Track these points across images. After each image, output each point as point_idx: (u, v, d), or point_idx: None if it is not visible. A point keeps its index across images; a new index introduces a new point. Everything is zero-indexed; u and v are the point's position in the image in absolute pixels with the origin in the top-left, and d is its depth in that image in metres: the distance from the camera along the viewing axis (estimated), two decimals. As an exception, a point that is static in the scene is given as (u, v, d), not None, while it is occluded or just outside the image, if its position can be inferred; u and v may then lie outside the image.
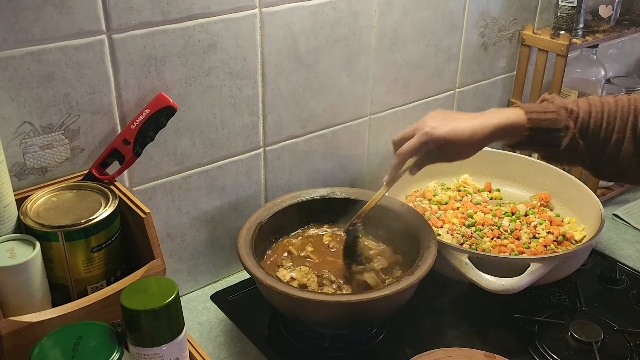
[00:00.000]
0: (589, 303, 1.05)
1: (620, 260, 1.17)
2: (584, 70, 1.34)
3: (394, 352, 0.96)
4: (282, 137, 1.08)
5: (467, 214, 1.15)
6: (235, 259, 1.10)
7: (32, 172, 0.83)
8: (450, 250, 0.98)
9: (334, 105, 1.12)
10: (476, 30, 1.27)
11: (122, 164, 0.85)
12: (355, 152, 1.19)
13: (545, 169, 1.22)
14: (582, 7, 1.24)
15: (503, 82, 1.38)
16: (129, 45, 0.85)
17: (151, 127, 0.85)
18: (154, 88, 0.89)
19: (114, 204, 0.78)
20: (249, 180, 1.07)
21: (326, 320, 0.91)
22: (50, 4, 0.77)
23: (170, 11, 0.87)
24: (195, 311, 1.04)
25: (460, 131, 0.87)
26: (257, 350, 0.96)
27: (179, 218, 1.01)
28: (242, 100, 1.00)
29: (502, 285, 0.93)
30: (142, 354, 0.66)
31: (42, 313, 0.69)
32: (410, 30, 1.16)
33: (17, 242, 0.73)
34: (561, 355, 0.94)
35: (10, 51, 0.76)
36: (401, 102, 1.22)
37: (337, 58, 1.08)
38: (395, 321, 0.99)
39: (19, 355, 0.68)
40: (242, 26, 0.94)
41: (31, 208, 0.77)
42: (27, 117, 0.80)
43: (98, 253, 0.77)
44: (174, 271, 1.04)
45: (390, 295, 0.84)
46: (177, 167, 0.97)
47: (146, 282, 0.68)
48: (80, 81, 0.83)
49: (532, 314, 1.01)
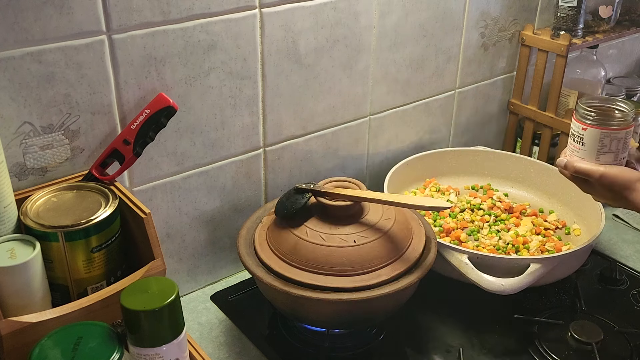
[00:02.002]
0: (589, 303, 1.05)
1: (620, 261, 1.17)
2: (584, 70, 1.34)
3: (394, 352, 0.96)
4: (282, 137, 1.08)
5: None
6: (235, 259, 1.10)
7: (32, 173, 0.83)
8: (450, 250, 0.98)
9: (334, 105, 1.12)
10: (476, 31, 1.27)
11: (122, 164, 0.85)
12: (355, 152, 1.19)
13: (545, 169, 1.23)
14: (582, 8, 1.24)
15: (503, 83, 1.38)
16: (129, 46, 0.85)
17: (151, 127, 0.85)
18: (154, 88, 0.89)
19: (114, 204, 0.78)
20: (249, 180, 1.07)
21: (326, 318, 0.91)
22: (50, 4, 0.77)
23: (171, 11, 0.87)
24: (195, 311, 1.04)
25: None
26: (257, 350, 0.96)
27: (179, 218, 1.01)
28: (242, 101, 1.00)
29: (502, 286, 0.93)
30: (142, 355, 0.67)
31: (42, 313, 0.69)
32: (410, 30, 1.16)
33: (17, 242, 0.73)
34: (561, 355, 0.94)
35: (10, 51, 0.76)
36: (401, 102, 1.22)
37: (337, 58, 1.08)
38: (395, 321, 0.99)
39: (19, 355, 0.68)
40: (242, 26, 0.94)
41: (31, 208, 0.77)
42: (27, 117, 0.80)
43: (98, 253, 0.77)
44: (174, 271, 1.04)
45: (390, 294, 0.84)
46: (177, 167, 0.97)
47: (146, 283, 0.68)
48: (81, 81, 0.83)
49: (532, 314, 1.01)
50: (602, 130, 0.87)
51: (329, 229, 0.90)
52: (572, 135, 0.90)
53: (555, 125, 1.30)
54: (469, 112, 1.35)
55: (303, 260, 0.87)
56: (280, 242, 0.90)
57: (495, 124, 1.43)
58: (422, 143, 1.30)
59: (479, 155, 1.29)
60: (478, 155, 1.29)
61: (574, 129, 0.90)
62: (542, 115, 1.32)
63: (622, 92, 1.48)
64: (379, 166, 1.25)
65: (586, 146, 0.88)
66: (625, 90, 1.49)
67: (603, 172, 0.86)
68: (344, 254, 0.87)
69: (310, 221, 0.91)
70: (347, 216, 0.92)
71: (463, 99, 1.33)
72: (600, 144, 0.87)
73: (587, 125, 0.88)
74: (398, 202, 0.90)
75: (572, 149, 0.90)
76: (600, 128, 0.87)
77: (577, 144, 0.89)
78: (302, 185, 0.93)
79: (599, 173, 0.86)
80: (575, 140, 0.89)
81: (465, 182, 1.28)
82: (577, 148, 0.89)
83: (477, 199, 1.21)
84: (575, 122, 0.89)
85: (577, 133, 0.89)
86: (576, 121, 0.89)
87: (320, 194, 0.92)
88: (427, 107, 1.27)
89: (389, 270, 0.88)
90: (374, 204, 0.94)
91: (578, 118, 0.89)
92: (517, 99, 1.39)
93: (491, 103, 1.39)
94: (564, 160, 0.91)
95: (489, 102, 1.38)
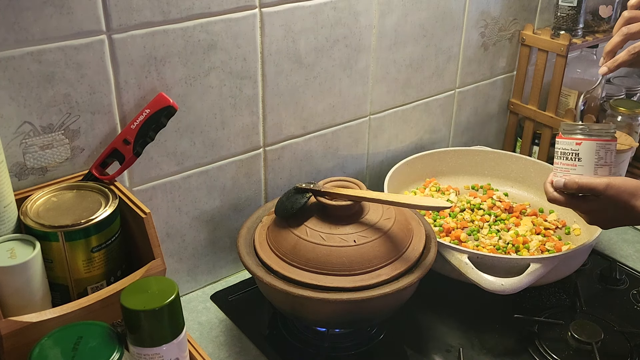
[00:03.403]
0: (589, 303, 1.05)
1: (620, 260, 1.17)
2: (584, 70, 1.34)
3: (394, 352, 0.96)
4: (282, 137, 1.08)
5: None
6: (235, 259, 1.10)
7: (32, 172, 0.83)
8: (450, 250, 0.98)
9: (334, 105, 1.12)
10: (476, 30, 1.27)
11: (122, 164, 0.85)
12: (355, 152, 1.19)
13: (546, 169, 1.22)
14: (582, 7, 1.24)
15: (503, 82, 1.38)
16: (129, 45, 0.85)
17: (151, 127, 0.85)
18: (154, 88, 0.89)
19: (114, 204, 0.78)
20: (249, 180, 1.07)
21: (326, 318, 0.91)
22: (50, 4, 0.77)
23: (171, 11, 0.87)
24: (195, 311, 1.04)
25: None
26: (257, 350, 0.96)
27: (179, 218, 1.01)
28: (242, 100, 1.00)
29: (502, 285, 0.93)
30: (142, 354, 0.67)
31: (42, 313, 0.69)
32: (410, 30, 1.16)
33: (17, 242, 0.73)
34: (561, 355, 0.94)
35: (10, 51, 0.76)
36: (401, 102, 1.22)
37: (337, 58, 1.08)
38: (395, 321, 0.99)
39: (19, 355, 0.68)
40: (242, 26, 0.94)
41: (31, 208, 0.77)
42: (27, 117, 0.80)
43: (98, 253, 0.77)
44: (174, 271, 1.04)
45: (390, 293, 0.84)
46: (177, 167, 0.97)
47: (146, 282, 0.68)
48: (80, 81, 0.83)
49: (532, 314, 1.01)
50: (597, 141, 0.86)
51: (329, 229, 0.90)
52: (564, 154, 0.89)
53: (556, 125, 1.30)
54: (469, 112, 1.35)
55: (303, 260, 0.87)
56: (280, 242, 0.90)
57: (495, 124, 1.43)
58: (422, 143, 1.30)
59: (479, 155, 1.29)
60: (478, 155, 1.29)
61: (565, 148, 0.89)
62: (542, 115, 1.32)
63: (622, 92, 1.47)
64: (379, 166, 1.25)
65: (583, 161, 0.87)
66: (625, 90, 1.49)
67: (608, 182, 0.84)
68: (344, 254, 0.87)
69: (310, 221, 0.91)
70: (347, 216, 0.92)
71: (463, 99, 1.33)
72: (597, 156, 0.86)
73: (581, 139, 0.87)
74: (398, 202, 0.90)
75: (564, 169, 0.89)
76: (595, 140, 0.87)
77: (571, 162, 0.88)
78: (302, 185, 0.93)
79: (605, 184, 0.84)
80: (569, 158, 0.88)
81: (465, 182, 1.28)
82: (573, 165, 0.88)
83: (477, 198, 1.21)
84: (565, 141, 0.89)
85: (569, 150, 0.88)
86: (567, 139, 0.88)
87: (320, 193, 0.92)
88: (427, 107, 1.27)
89: (389, 270, 0.88)
90: (374, 204, 0.94)
91: (568, 135, 0.88)
92: (517, 98, 1.39)
93: (491, 103, 1.39)
94: (562, 180, 0.88)
95: (489, 101, 1.38)
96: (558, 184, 0.89)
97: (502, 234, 1.11)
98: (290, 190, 0.94)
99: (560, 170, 0.89)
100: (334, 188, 0.93)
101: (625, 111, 1.31)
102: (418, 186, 1.25)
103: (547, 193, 0.91)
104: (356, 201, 0.91)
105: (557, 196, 0.90)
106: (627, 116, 1.32)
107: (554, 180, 0.90)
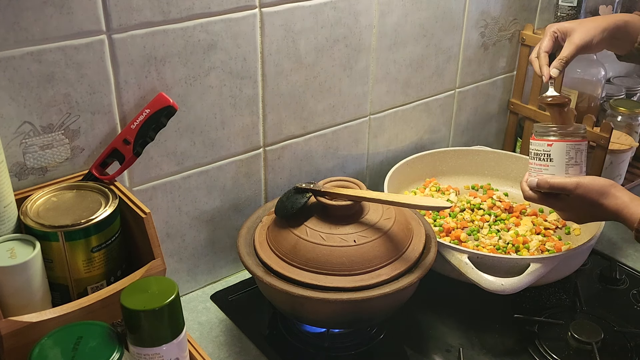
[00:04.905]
0: (589, 303, 1.05)
1: (620, 260, 1.17)
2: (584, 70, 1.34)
3: (393, 352, 0.96)
4: (282, 137, 1.08)
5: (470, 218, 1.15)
6: (235, 259, 1.10)
7: (32, 172, 0.83)
8: (450, 250, 0.98)
9: (334, 105, 1.12)
10: (476, 30, 1.27)
11: (122, 164, 0.85)
12: (355, 152, 1.19)
13: (545, 169, 1.23)
14: (582, 7, 1.24)
15: (503, 82, 1.38)
16: (129, 45, 0.85)
17: (151, 127, 0.85)
18: (154, 88, 0.89)
19: (114, 204, 0.78)
20: (249, 180, 1.07)
21: (326, 318, 0.91)
22: (50, 4, 0.77)
23: (171, 11, 0.87)
24: (195, 311, 1.04)
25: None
26: (257, 350, 0.96)
27: (179, 218, 1.01)
28: (242, 100, 1.00)
29: (502, 285, 0.93)
30: (142, 354, 0.67)
31: (42, 313, 0.69)
32: (410, 30, 1.16)
33: (17, 242, 0.73)
34: (561, 355, 0.94)
35: (10, 51, 0.76)
36: (401, 102, 1.22)
37: (337, 58, 1.08)
38: (395, 321, 0.99)
39: (19, 355, 0.68)
40: (242, 26, 0.94)
41: (31, 208, 0.77)
42: (27, 117, 0.80)
43: (98, 253, 0.77)
44: (174, 271, 1.04)
45: (390, 293, 0.84)
46: (177, 167, 0.97)
47: (146, 282, 0.68)
48: (80, 81, 0.83)
49: (532, 314, 1.01)
50: (567, 142, 0.91)
51: (329, 229, 0.90)
52: (537, 155, 0.93)
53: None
54: (469, 112, 1.35)
55: (303, 260, 0.87)
56: (280, 242, 0.90)
57: (495, 124, 1.43)
58: (422, 143, 1.30)
59: (479, 155, 1.29)
60: (478, 155, 1.29)
61: (537, 149, 0.93)
62: (542, 115, 1.32)
63: (622, 92, 1.47)
64: (379, 166, 1.25)
65: (554, 161, 0.91)
66: (625, 90, 1.49)
67: (578, 181, 0.88)
68: (344, 254, 0.87)
69: (310, 221, 0.91)
70: (347, 216, 0.92)
71: (463, 99, 1.33)
72: (567, 156, 0.91)
73: (552, 141, 0.91)
74: (398, 202, 0.90)
75: (538, 169, 0.93)
76: (565, 141, 0.91)
77: (543, 162, 0.92)
78: (302, 185, 0.93)
79: (575, 183, 0.88)
80: (542, 159, 0.92)
81: (465, 181, 1.28)
82: (545, 166, 0.92)
83: (477, 198, 1.21)
84: (538, 142, 0.93)
85: (542, 151, 0.92)
86: (539, 140, 0.93)
87: (320, 193, 0.92)
88: (427, 107, 1.27)
89: (389, 269, 0.88)
90: (374, 204, 0.94)
91: (541, 137, 0.93)
92: (517, 98, 1.39)
93: (491, 103, 1.39)
94: (535, 180, 0.92)
95: (489, 101, 1.38)
96: (531, 184, 0.93)
97: (502, 234, 1.11)
98: (290, 190, 0.94)
99: (534, 170, 0.94)
100: (334, 188, 0.93)
101: (625, 111, 1.32)
102: (418, 186, 1.25)
103: (523, 192, 0.96)
104: (356, 201, 0.91)
105: (532, 195, 0.94)
106: (627, 116, 1.32)
107: (528, 179, 0.94)
